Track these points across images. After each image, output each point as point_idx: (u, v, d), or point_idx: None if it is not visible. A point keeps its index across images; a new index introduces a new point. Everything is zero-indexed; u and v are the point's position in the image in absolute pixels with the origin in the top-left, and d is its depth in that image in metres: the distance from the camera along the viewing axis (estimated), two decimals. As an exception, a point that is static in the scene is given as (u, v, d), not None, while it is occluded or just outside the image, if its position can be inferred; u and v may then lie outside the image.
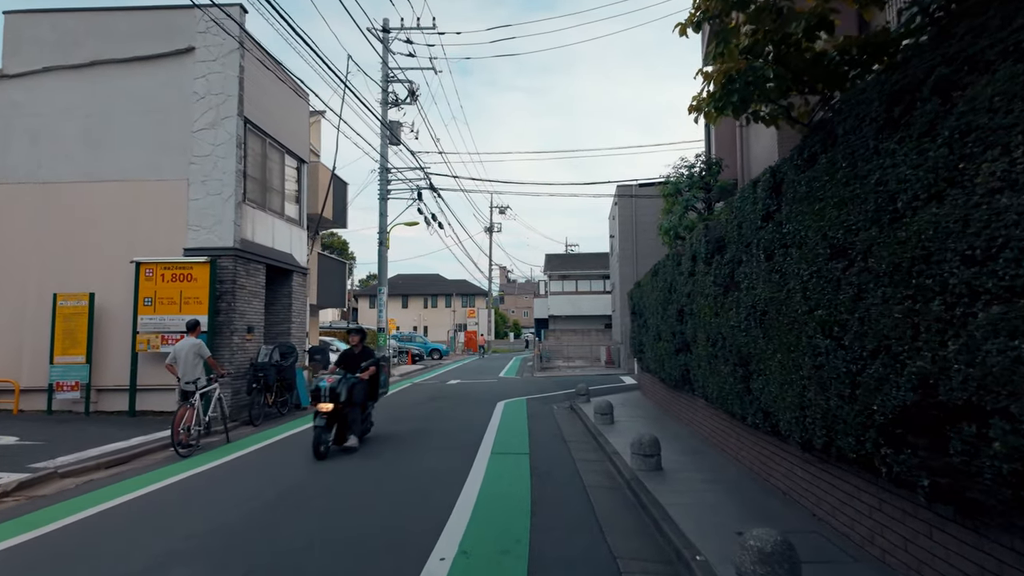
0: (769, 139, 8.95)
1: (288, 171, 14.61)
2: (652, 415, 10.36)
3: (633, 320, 13.79)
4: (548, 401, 13.64)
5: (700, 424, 8.07)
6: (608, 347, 26.79)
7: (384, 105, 20.52)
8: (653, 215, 23.93)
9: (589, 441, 8.45)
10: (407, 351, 31.13)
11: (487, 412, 11.64)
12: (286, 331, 13.62)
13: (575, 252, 51.51)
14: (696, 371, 7.48)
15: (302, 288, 14.39)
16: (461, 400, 14.06)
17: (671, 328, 8.67)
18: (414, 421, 10.69)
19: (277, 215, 13.66)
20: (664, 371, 9.62)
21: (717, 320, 6.16)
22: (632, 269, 23.81)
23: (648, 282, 10.58)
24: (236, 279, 11.26)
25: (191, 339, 8.64)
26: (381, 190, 20.53)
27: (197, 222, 11.33)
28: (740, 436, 6.28)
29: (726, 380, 6.03)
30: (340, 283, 20.62)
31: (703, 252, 6.57)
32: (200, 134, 11.45)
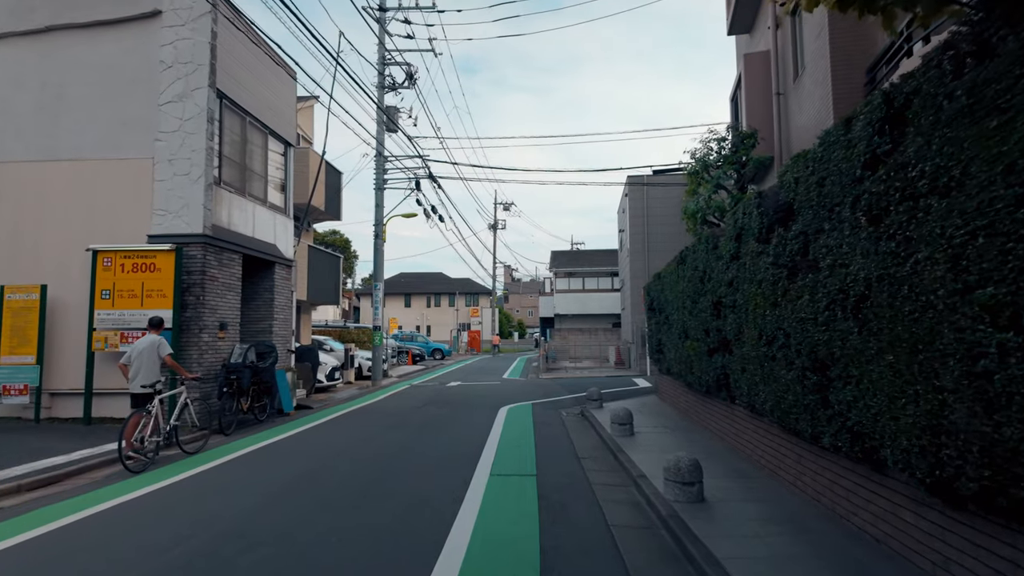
0: (819, 105, 7.63)
1: (273, 155, 13.38)
2: (677, 425, 9.04)
3: (650, 317, 12.47)
4: (556, 406, 12.35)
5: (741, 439, 6.75)
6: (618, 347, 25.47)
7: (380, 89, 19.29)
8: (666, 207, 22.60)
9: (606, 457, 7.15)
10: (407, 351, 29.89)
11: (488, 420, 10.36)
12: (267, 329, 12.38)
13: (582, 249, 50.14)
14: (738, 376, 6.17)
15: (286, 282, 13.14)
16: (460, 405, 12.78)
17: (703, 324, 7.36)
18: (405, 431, 9.41)
19: (259, 202, 12.43)
20: (692, 374, 8.31)
21: (776, 312, 4.85)
22: (643, 264, 22.50)
23: (671, 272, 9.27)
24: (206, 270, 10.01)
25: (151, 336, 7.60)
26: (377, 179, 19.29)
27: (163, 206, 10.09)
28: (803, 459, 4.97)
29: (788, 388, 4.73)
30: (334, 278, 19.38)
31: (755, 227, 5.26)
32: (167, 108, 10.22)
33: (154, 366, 7.39)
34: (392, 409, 12.31)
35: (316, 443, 8.44)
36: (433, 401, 13.63)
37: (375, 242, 19.12)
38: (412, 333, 40.16)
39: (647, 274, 22.35)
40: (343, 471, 6.48)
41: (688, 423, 9.18)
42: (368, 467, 6.67)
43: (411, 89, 19.56)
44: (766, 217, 5.04)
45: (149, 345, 7.43)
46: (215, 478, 6.41)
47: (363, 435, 9.00)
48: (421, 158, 19.26)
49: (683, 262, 8.42)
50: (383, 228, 19.18)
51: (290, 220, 14.02)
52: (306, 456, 7.46)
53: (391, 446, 8.02)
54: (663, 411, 10.67)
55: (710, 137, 9.51)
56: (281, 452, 7.80)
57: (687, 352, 8.39)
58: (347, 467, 6.69)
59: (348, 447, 8.00)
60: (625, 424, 8.13)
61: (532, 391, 15.69)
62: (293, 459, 7.25)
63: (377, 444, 8.19)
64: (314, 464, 6.90)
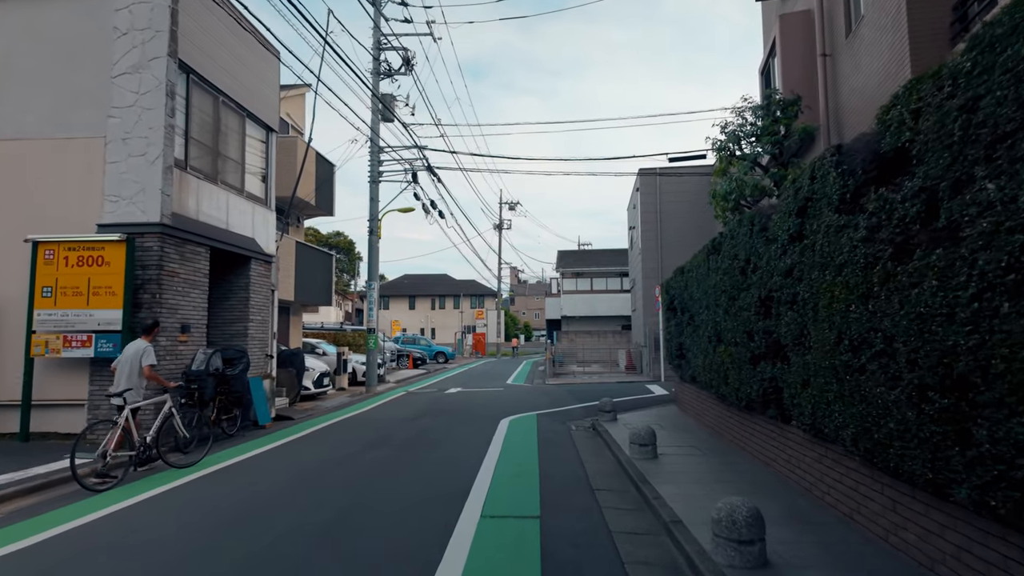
0: (886, 57, 6.27)
1: (252, 141, 12.16)
2: (707, 445, 7.68)
3: (669, 318, 11.12)
4: (563, 418, 11.01)
5: (796, 468, 5.40)
6: (628, 351, 24.09)
7: (376, 75, 18.05)
8: (681, 200, 21.23)
9: (627, 489, 5.81)
10: (407, 355, 28.62)
11: (486, 435, 9.04)
12: (242, 331, 11.12)
13: (589, 249, 48.73)
14: (796, 390, 4.83)
15: (265, 279, 11.89)
16: (457, 416, 11.46)
17: (744, 325, 6.02)
18: (388, 449, 8.10)
19: (234, 191, 11.20)
20: (726, 385, 6.96)
21: (869, 307, 3.52)
22: (656, 263, 21.14)
23: (699, 265, 7.94)
24: (164, 264, 8.76)
25: (139, 342, 7.10)
26: (372, 171, 18.04)
27: (116, 191, 8.86)
28: (903, 508, 3.62)
29: (888, 412, 3.39)
30: (325, 278, 18.14)
31: (833, 193, 3.92)
32: (121, 80, 9.00)
33: (134, 375, 6.84)
34: (380, 421, 11.01)
35: (277, 467, 7.14)
36: (428, 411, 12.32)
37: (370, 238, 17.86)
38: (414, 336, 38.93)
39: (660, 273, 20.99)
40: (295, 512, 5.17)
41: (720, 443, 7.81)
42: (329, 505, 5.36)
43: (408, 76, 18.32)
44: (852, 177, 3.70)
45: (134, 352, 6.93)
46: (131, 518, 5.12)
47: (338, 455, 7.70)
48: (419, 148, 18.01)
49: (716, 251, 7.07)
50: (378, 224, 17.93)
51: (271, 212, 12.78)
52: (259, 486, 6.17)
53: (366, 472, 6.71)
54: (687, 426, 9.30)
55: (744, 106, 8.18)
56: (231, 480, 6.52)
57: (720, 359, 7.04)
58: (303, 504, 5.39)
59: (315, 473, 6.70)
60: (647, 445, 6.78)
61: (537, 399, 14.36)
62: (238, 492, 5.96)
63: (350, 468, 6.89)
64: (261, 500, 5.60)
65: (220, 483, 6.36)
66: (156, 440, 6.91)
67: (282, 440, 9.01)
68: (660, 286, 11.90)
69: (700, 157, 14.79)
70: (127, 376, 6.80)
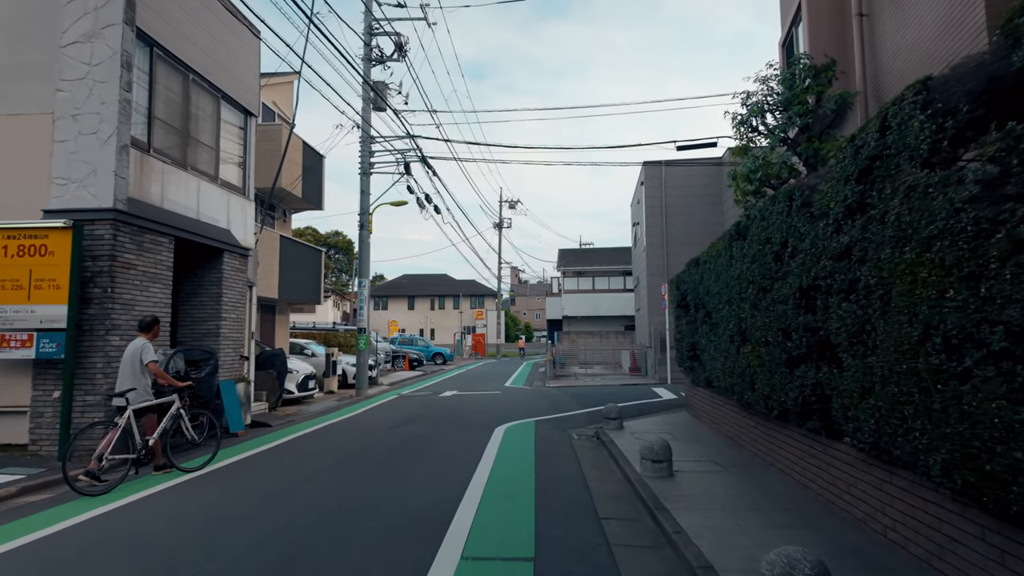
0: (938, 12, 5.32)
1: (228, 126, 11.24)
2: (728, 459, 6.73)
3: (679, 316, 10.18)
4: (564, 425, 10.06)
5: (844, 492, 4.45)
6: (632, 351, 23.13)
7: (367, 62, 17.14)
8: (688, 194, 20.27)
9: (641, 519, 4.86)
10: (403, 356, 27.70)
11: (477, 446, 8.09)
12: (213, 330, 10.18)
13: (592, 247, 47.77)
14: (852, 400, 3.89)
15: (240, 274, 10.95)
16: (448, 422, 10.52)
17: (779, 321, 5.07)
18: (365, 464, 7.17)
19: (206, 178, 10.29)
20: (752, 391, 6.01)
21: (984, 291, 2.58)
22: (661, 260, 20.20)
23: (719, 254, 7.00)
24: (118, 254, 7.84)
25: (137, 340, 6.85)
26: (362, 163, 17.13)
27: (64, 173, 7.94)
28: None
29: (1017, 436, 2.44)
30: (314, 275, 17.21)
31: (923, 142, 2.97)
32: (71, 50, 8.08)
33: (136, 374, 6.64)
34: (364, 428, 10.07)
35: (234, 485, 6.21)
36: (418, 417, 11.38)
37: (360, 233, 16.95)
38: (412, 336, 37.99)
39: (665, 270, 20.04)
40: (231, 552, 4.22)
41: (742, 456, 6.86)
42: (277, 539, 4.42)
43: (401, 63, 17.41)
44: (949, 118, 2.76)
45: (133, 351, 6.73)
46: (44, 551, 4.18)
47: (308, 470, 6.76)
48: (411, 137, 17.07)
49: (740, 236, 6.13)
50: (369, 218, 17.01)
51: (250, 203, 11.86)
52: (204, 511, 5.23)
53: (334, 492, 5.76)
54: (702, 436, 8.35)
55: (769, 74, 7.22)
56: (183, 501, 5.58)
57: (745, 361, 6.09)
58: (246, 538, 4.44)
59: (273, 494, 5.76)
60: (661, 461, 5.84)
61: (536, 403, 13.41)
62: (178, 522, 5.02)
63: (316, 488, 5.94)
64: (194, 531, 4.65)
65: (172, 503, 5.42)
66: (166, 443, 6.87)
67: (251, 451, 8.08)
68: (668, 282, 10.96)
69: (710, 145, 13.87)
70: (129, 376, 6.62)
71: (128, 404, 6.40)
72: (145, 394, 6.65)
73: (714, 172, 20.09)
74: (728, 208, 19.21)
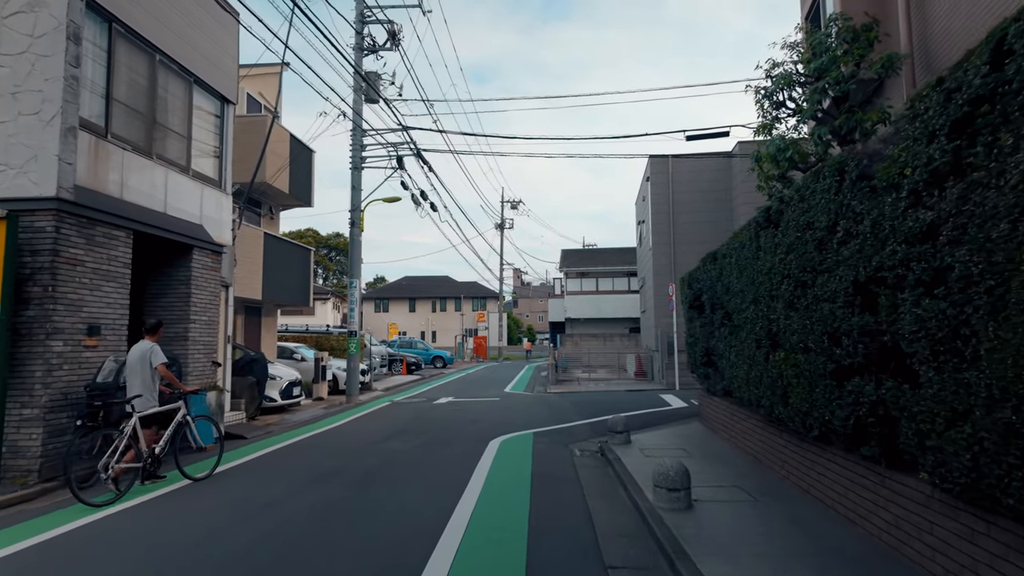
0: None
1: (202, 114, 10.40)
2: (757, 485, 5.79)
3: (692, 318, 9.27)
4: (565, 438, 9.14)
5: (920, 542, 3.52)
6: (638, 355, 22.19)
7: (359, 51, 16.29)
8: (696, 190, 19.32)
9: (657, 566, 3.93)
10: (401, 359, 26.80)
11: (466, 465, 7.18)
12: (182, 334, 9.30)
13: (595, 247, 46.82)
14: (935, 426, 2.99)
15: (213, 273, 10.08)
16: (438, 435, 9.61)
17: (824, 323, 4.16)
18: (334, 488, 6.26)
19: (175, 168, 9.45)
20: (785, 406, 5.09)
21: None
22: (668, 259, 19.28)
23: (742, 246, 6.08)
24: (62, 249, 6.97)
25: (143, 344, 6.61)
26: (353, 157, 16.26)
27: (2, 159, 7.08)
28: None
29: None
30: (302, 276, 16.33)
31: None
32: (13, 21, 7.23)
33: (146, 379, 6.43)
34: (345, 442, 9.18)
35: (174, 517, 5.31)
36: (407, 428, 10.48)
37: (351, 231, 16.07)
38: (411, 339, 37.10)
39: (672, 270, 19.10)
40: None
41: (770, 479, 5.93)
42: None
43: (395, 52, 16.54)
44: None
45: (140, 355, 6.48)
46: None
47: (265, 498, 5.85)
48: (404, 129, 16.19)
49: (771, 224, 5.21)
50: (360, 215, 16.13)
51: (227, 197, 11.01)
52: (112, 563, 4.34)
53: (290, 528, 4.85)
54: (721, 453, 7.42)
55: (798, 41, 6.28)
56: (90, 542, 4.69)
57: (777, 369, 5.17)
58: None
59: (214, 531, 4.85)
60: (678, 490, 4.91)
61: (536, 412, 12.49)
62: (85, 564, 4.12)
63: (270, 522, 5.03)
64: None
65: (78, 547, 4.53)
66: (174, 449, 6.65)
67: (211, 470, 7.18)
68: (679, 281, 10.04)
69: (723, 134, 12.96)
70: (139, 382, 6.39)
71: (134, 411, 6.19)
72: (151, 400, 6.44)
73: (723, 166, 19.17)
74: (739, 204, 18.28)
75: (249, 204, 15.53)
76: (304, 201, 16.66)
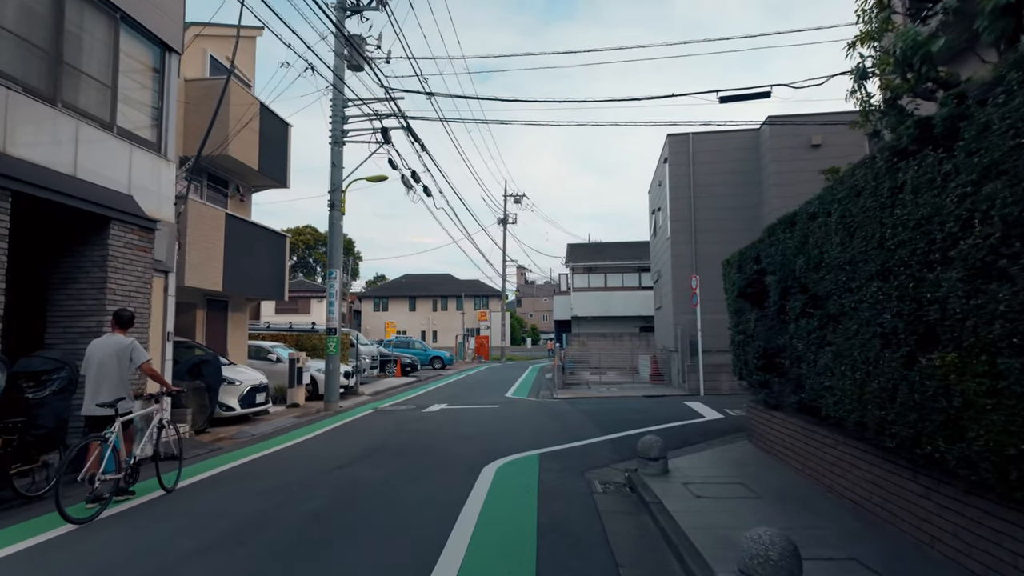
0: None
1: (132, 61, 8.51)
2: (888, 558, 3.78)
3: (745, 309, 7.27)
4: (580, 462, 7.15)
5: None
6: (654, 356, 20.17)
7: (340, 11, 14.34)
8: (719, 172, 17.29)
9: None
10: (395, 360, 24.85)
11: (446, 513, 5.20)
12: (95, 328, 7.33)
13: (603, 242, 44.73)
14: None
15: (140, 254, 8.12)
16: (418, 458, 7.64)
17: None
18: (251, 544, 4.29)
19: (92, 121, 7.56)
20: (959, 443, 3.10)
21: None
22: (689, 247, 17.27)
23: (857, 191, 4.05)
24: None
25: (116, 337, 5.80)
26: (333, 130, 14.30)
27: None
28: None
29: None
30: (275, 266, 14.39)
31: None
32: None
33: (124, 379, 5.73)
34: (298, 467, 7.20)
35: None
36: (383, 446, 8.50)
37: (330, 214, 14.11)
38: (408, 339, 35.13)
39: (694, 261, 17.08)
40: None
41: (905, 549, 3.92)
42: None
43: (382, 12, 14.57)
44: None
45: (117, 350, 5.70)
46: None
47: (142, 570, 3.89)
48: (391, 99, 14.21)
49: (930, 144, 3.20)
50: (342, 196, 14.18)
51: (168, 164, 9.08)
52: None
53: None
54: (797, 492, 5.42)
55: None
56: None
57: (937, 382, 3.17)
58: None
59: None
60: (780, 566, 2.91)
61: (542, 425, 10.49)
62: None
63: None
64: None
65: None
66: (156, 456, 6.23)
67: (105, 512, 5.23)
68: (724, 263, 8.04)
69: (763, 95, 10.92)
70: (118, 381, 5.68)
71: (117, 415, 5.46)
72: (131, 402, 5.84)
73: (751, 144, 17.15)
74: (769, 186, 16.26)
75: (213, 183, 13.62)
76: (278, 181, 14.71)
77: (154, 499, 5.83)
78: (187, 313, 12.65)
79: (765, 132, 16.57)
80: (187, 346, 11.41)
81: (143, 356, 5.90)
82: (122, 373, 5.73)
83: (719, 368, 15.36)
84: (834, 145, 15.69)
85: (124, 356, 5.76)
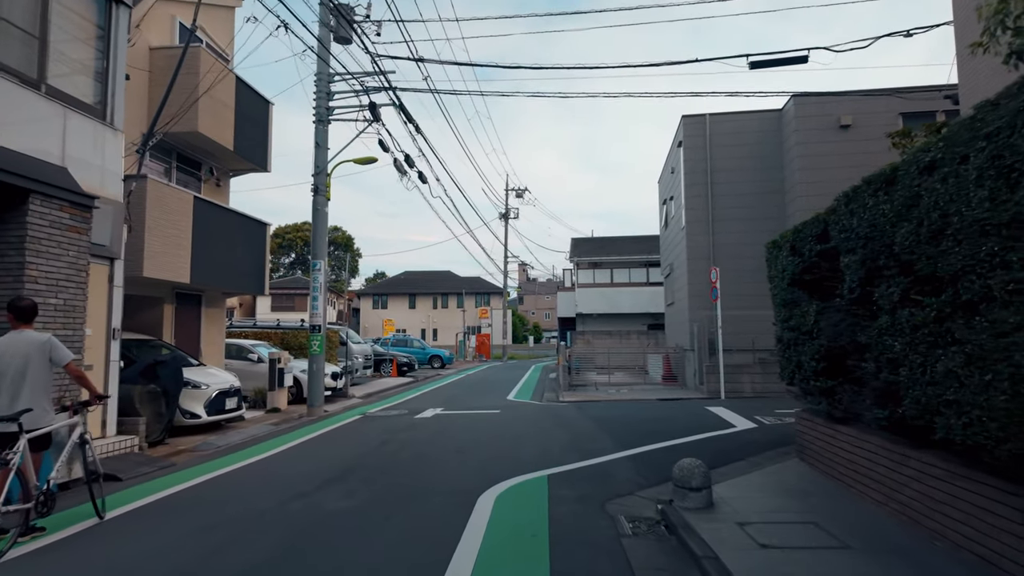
0: None
1: (66, 11, 7.23)
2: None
3: (803, 301, 5.98)
4: (599, 488, 5.85)
5: None
6: (666, 355, 18.86)
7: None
8: (737, 156, 15.92)
9: None
10: (391, 359, 23.58)
11: (427, 566, 3.90)
12: (7, 326, 6.06)
13: (609, 236, 43.39)
14: None
15: (73, 235, 6.82)
16: (401, 480, 6.35)
17: None
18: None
19: (11, 77, 6.28)
20: None
21: None
22: (706, 237, 15.97)
23: (1012, 125, 2.74)
24: None
25: (28, 334, 4.75)
26: (318, 107, 13.00)
27: None
28: None
29: None
30: (254, 256, 13.09)
31: None
32: None
33: (37, 385, 4.63)
34: (256, 493, 5.92)
35: None
36: (361, 463, 7.22)
37: (314, 199, 12.82)
38: (407, 337, 33.87)
39: (711, 252, 15.76)
40: None
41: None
42: None
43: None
44: None
45: (32, 349, 4.63)
46: None
47: None
48: (381, 73, 12.89)
49: None
50: (327, 179, 12.88)
51: (114, 133, 7.82)
52: None
53: None
54: (888, 536, 4.12)
55: None
56: None
57: None
58: None
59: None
60: None
61: (549, 434, 9.19)
62: None
63: None
64: None
65: None
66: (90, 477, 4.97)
67: (9, 554, 3.98)
68: (768, 245, 6.75)
69: (800, 60, 9.61)
70: (29, 388, 4.55)
71: (22, 431, 4.37)
72: (45, 415, 4.69)
73: (773, 127, 15.82)
74: (793, 171, 14.92)
75: (184, 164, 12.34)
76: (257, 164, 13.40)
77: (68, 536, 4.59)
78: (153, 308, 11.38)
79: (789, 111, 15.23)
80: (152, 345, 10.15)
81: (66, 355, 4.89)
82: (43, 378, 4.73)
83: (740, 369, 14.06)
84: (866, 126, 14.37)
85: (42, 357, 4.73)
